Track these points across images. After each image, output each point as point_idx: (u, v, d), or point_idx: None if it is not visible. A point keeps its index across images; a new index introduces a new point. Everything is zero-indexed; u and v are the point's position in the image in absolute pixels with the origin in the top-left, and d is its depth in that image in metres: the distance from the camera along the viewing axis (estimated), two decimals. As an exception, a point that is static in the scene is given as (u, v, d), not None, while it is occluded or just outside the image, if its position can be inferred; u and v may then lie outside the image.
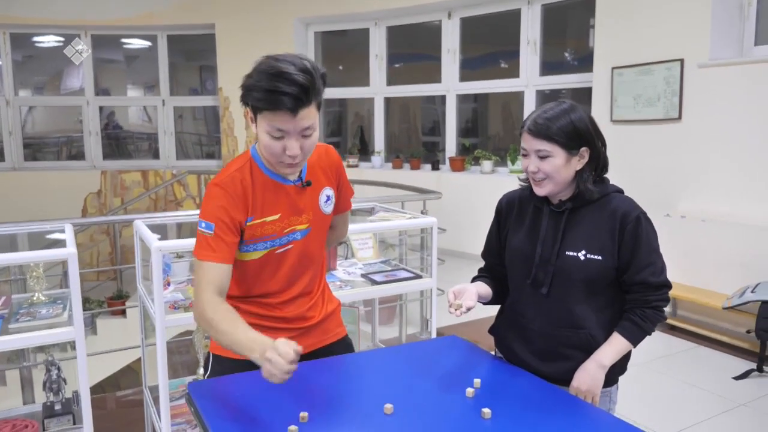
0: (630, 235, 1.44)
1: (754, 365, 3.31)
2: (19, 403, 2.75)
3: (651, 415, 2.83)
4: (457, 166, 6.35)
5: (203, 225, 1.43)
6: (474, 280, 1.67)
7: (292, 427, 1.19)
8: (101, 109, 7.83)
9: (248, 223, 1.46)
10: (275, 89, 1.30)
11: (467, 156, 6.40)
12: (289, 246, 1.53)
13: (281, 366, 1.19)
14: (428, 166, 6.64)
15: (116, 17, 7.30)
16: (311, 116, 1.37)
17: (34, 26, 7.28)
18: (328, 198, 1.59)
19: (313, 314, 1.62)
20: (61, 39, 7.61)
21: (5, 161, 7.58)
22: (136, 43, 7.91)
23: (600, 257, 1.44)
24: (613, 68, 4.65)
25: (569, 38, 6.09)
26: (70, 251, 1.99)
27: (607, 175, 1.55)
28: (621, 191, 1.54)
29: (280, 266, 1.53)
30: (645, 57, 4.42)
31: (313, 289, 1.63)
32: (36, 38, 7.62)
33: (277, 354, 1.20)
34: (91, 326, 5.70)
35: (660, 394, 3.11)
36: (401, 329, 3.82)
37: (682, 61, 4.17)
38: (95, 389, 3.75)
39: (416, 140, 7.43)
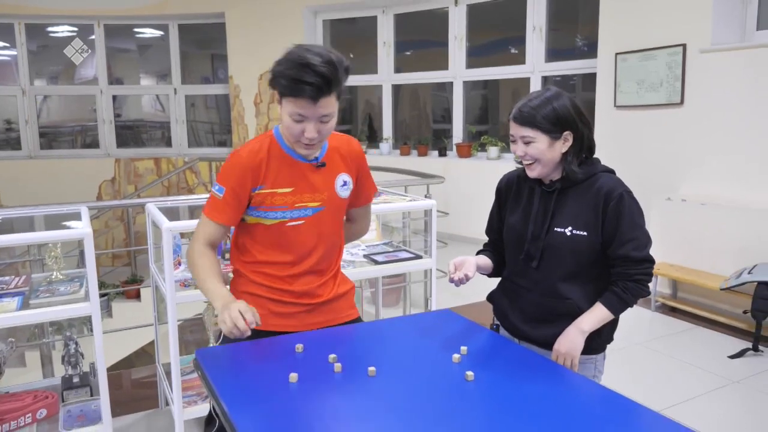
0: (613, 212, 1.53)
1: (750, 345, 3.38)
2: (38, 378, 2.89)
3: (646, 391, 2.92)
4: (464, 152, 6.41)
5: (216, 187, 1.61)
6: (478, 254, 1.79)
7: (293, 375, 1.34)
8: (114, 98, 7.97)
9: (256, 191, 1.60)
10: (300, 78, 1.43)
11: (474, 142, 6.46)
12: (301, 221, 1.64)
13: (237, 322, 1.41)
14: (436, 153, 6.71)
15: (128, 7, 7.41)
16: (331, 105, 1.51)
17: (49, 16, 7.41)
18: (345, 183, 1.70)
19: (321, 293, 1.71)
20: (75, 29, 7.74)
21: (22, 149, 7.76)
22: (149, 33, 8.01)
23: (585, 233, 1.54)
24: (616, 54, 4.68)
25: (575, 24, 6.10)
26: (86, 230, 2.11)
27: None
28: (611, 171, 1.63)
29: (290, 239, 1.64)
30: (648, 42, 4.44)
31: (325, 268, 1.72)
32: (50, 28, 7.75)
33: (238, 312, 1.42)
34: (106, 309, 5.89)
35: (657, 372, 3.20)
36: (405, 311, 3.92)
37: (684, 46, 4.20)
38: (110, 369, 3.91)
39: (427, 127, 7.49)
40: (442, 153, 6.65)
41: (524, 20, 5.91)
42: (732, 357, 3.32)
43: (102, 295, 5.85)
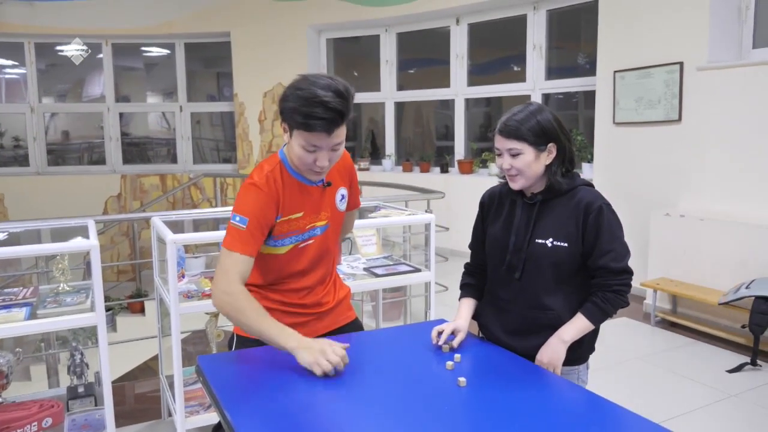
0: (592, 224, 1.57)
1: (748, 359, 3.39)
2: (43, 389, 2.93)
3: (645, 405, 2.93)
4: (466, 168, 6.48)
5: (237, 219, 1.56)
6: (462, 288, 1.82)
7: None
8: (121, 115, 8.10)
9: (278, 221, 1.63)
10: (313, 115, 1.46)
11: (476, 159, 6.53)
12: (310, 241, 1.69)
13: (334, 362, 1.41)
14: (438, 169, 6.78)
15: (136, 26, 7.57)
16: (342, 134, 1.55)
17: (58, 35, 7.56)
18: (343, 197, 1.78)
19: (327, 300, 1.79)
20: (84, 47, 7.89)
21: (30, 166, 7.87)
22: (156, 51, 8.16)
23: (566, 244, 1.59)
24: (615, 71, 4.76)
25: (574, 42, 6.20)
26: (92, 243, 2.17)
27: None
28: (590, 185, 1.68)
29: (302, 259, 1.70)
30: (646, 60, 4.52)
31: (328, 278, 1.80)
32: (59, 47, 7.91)
33: (335, 356, 1.41)
34: (111, 324, 5.93)
35: (656, 386, 3.21)
36: (405, 324, 3.95)
37: (681, 64, 4.27)
38: (115, 382, 3.95)
39: (430, 144, 7.58)
40: (444, 169, 6.72)
41: (525, 39, 6.01)
42: (730, 371, 3.33)
43: (107, 309, 5.92)
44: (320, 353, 1.41)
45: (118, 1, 7.41)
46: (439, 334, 1.64)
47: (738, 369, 3.33)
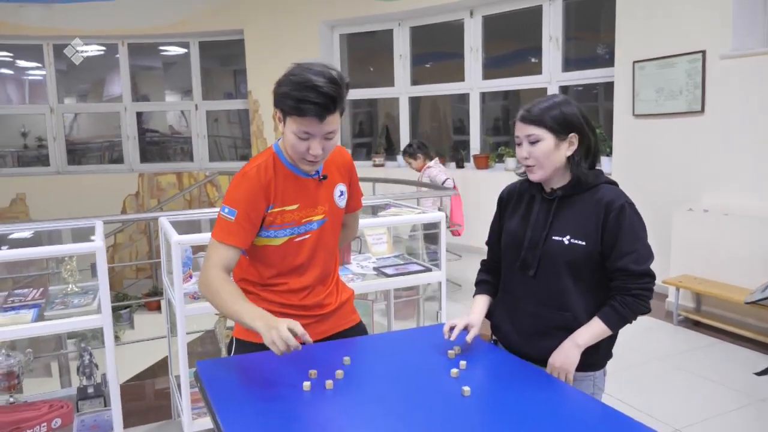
0: (613, 223, 1.50)
1: (776, 360, 3.27)
2: (58, 387, 2.94)
3: (666, 408, 2.83)
4: (482, 163, 6.38)
5: (226, 210, 1.58)
6: (477, 285, 1.77)
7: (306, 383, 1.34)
8: (140, 114, 8.16)
9: (269, 211, 1.61)
10: (305, 99, 1.45)
11: (492, 153, 6.43)
12: (307, 236, 1.66)
13: (289, 342, 1.38)
14: (453, 164, 6.69)
15: (151, 26, 7.60)
16: (335, 122, 1.53)
17: (75, 36, 7.62)
18: (342, 193, 1.74)
19: (329, 302, 1.75)
20: (103, 48, 7.96)
21: (50, 165, 7.98)
22: (174, 50, 8.20)
23: (584, 242, 1.51)
24: (634, 62, 4.62)
25: (594, 32, 6.06)
26: (98, 245, 2.15)
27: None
28: (614, 183, 1.60)
29: (298, 254, 1.66)
30: (666, 50, 4.38)
31: (329, 278, 1.76)
32: (80, 48, 7.98)
33: (287, 330, 1.38)
34: (128, 321, 5.99)
35: (678, 388, 3.10)
36: (418, 324, 3.89)
37: (704, 52, 4.12)
38: (132, 380, 3.97)
39: (447, 139, 7.49)
40: (460, 165, 6.63)
41: (540, 30, 5.88)
42: (758, 374, 3.20)
43: (125, 307, 5.97)
44: (276, 332, 1.39)
45: (132, 2, 7.44)
46: (451, 329, 1.59)
47: (766, 371, 3.21)
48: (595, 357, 1.55)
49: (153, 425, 2.78)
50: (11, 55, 8.03)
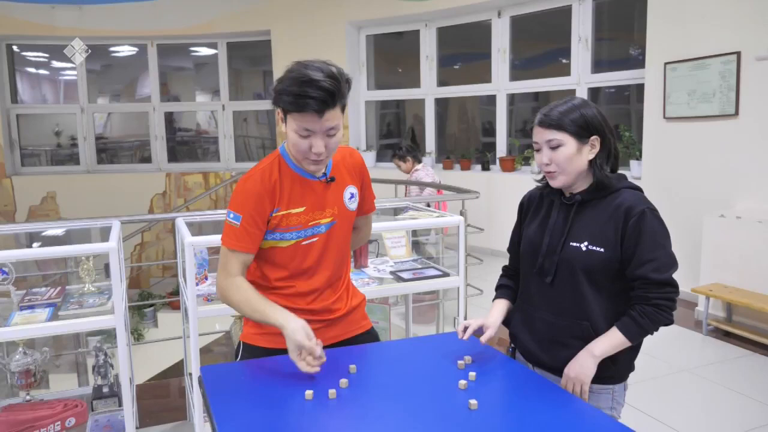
0: (633, 229, 1.43)
1: (811, 375, 3.12)
2: (75, 386, 2.97)
3: (693, 423, 2.72)
4: (507, 166, 6.28)
5: (231, 216, 1.57)
6: (497, 290, 1.73)
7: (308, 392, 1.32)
8: (170, 114, 8.27)
9: (274, 214, 1.58)
10: (304, 94, 1.43)
11: (518, 156, 6.32)
12: (314, 239, 1.63)
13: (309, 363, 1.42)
14: (479, 167, 6.60)
15: (180, 27, 7.70)
16: (336, 118, 1.49)
17: (106, 38, 7.78)
18: (352, 195, 1.69)
19: (338, 307, 1.70)
20: (135, 49, 8.11)
21: (80, 164, 8.15)
22: (204, 51, 8.31)
23: (602, 249, 1.45)
24: (665, 63, 4.48)
25: (627, 33, 5.90)
26: (111, 245, 2.15)
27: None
28: (637, 188, 1.53)
29: (306, 257, 1.63)
30: (699, 51, 4.23)
31: (338, 282, 1.72)
32: (113, 48, 8.15)
33: (306, 351, 1.42)
34: (153, 319, 6.07)
35: (706, 402, 2.98)
36: (438, 328, 3.84)
37: (738, 54, 3.97)
38: (156, 378, 4.00)
39: (475, 141, 7.41)
40: (486, 167, 6.54)
41: (570, 31, 5.76)
42: (791, 388, 3.06)
43: (149, 305, 6.05)
44: (297, 355, 1.43)
45: (161, 3, 7.55)
46: (465, 329, 1.55)
47: (799, 386, 3.06)
48: (614, 369, 1.48)
49: (167, 426, 2.79)
50: (47, 55, 8.22)
